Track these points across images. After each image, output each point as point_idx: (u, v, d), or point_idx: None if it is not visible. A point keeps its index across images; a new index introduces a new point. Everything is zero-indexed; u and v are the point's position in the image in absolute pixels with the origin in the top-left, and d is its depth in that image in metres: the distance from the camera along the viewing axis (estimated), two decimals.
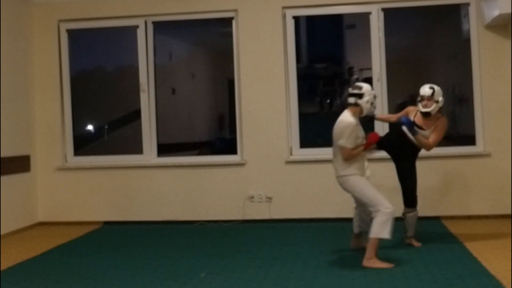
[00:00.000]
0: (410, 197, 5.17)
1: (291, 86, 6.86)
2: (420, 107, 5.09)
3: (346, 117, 4.67)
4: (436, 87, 5.08)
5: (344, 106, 4.91)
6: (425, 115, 5.07)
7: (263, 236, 6.06)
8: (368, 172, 4.90)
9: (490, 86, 6.53)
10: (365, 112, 4.70)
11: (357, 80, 7.10)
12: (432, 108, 5.03)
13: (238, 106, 6.96)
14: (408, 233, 5.22)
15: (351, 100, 4.68)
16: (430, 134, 5.09)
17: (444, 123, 5.14)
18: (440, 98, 5.06)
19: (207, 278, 4.41)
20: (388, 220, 4.51)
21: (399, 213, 5.10)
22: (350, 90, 4.73)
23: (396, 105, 6.75)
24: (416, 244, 5.19)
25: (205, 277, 4.43)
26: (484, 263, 4.52)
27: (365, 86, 4.72)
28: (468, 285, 3.98)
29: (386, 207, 4.51)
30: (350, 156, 4.61)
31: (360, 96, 4.66)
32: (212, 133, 7.96)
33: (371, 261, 4.50)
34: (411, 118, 5.13)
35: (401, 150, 5.14)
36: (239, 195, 6.82)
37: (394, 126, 5.38)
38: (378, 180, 5.93)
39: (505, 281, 3.99)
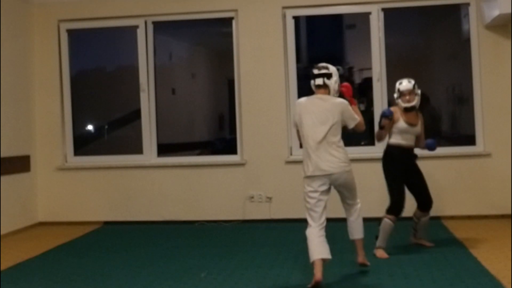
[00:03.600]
0: (427, 201, 5.03)
1: (291, 86, 6.87)
2: (403, 103, 4.92)
3: (331, 97, 4.21)
4: (413, 80, 4.96)
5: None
6: (410, 109, 4.92)
7: (263, 236, 6.06)
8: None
9: (490, 86, 6.53)
10: (332, 94, 4.24)
11: (338, 70, 7.04)
12: (415, 101, 4.92)
13: (238, 106, 6.96)
14: (419, 234, 5.17)
15: (319, 81, 4.21)
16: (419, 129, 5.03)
17: (422, 117, 5.12)
18: (419, 91, 4.97)
19: (207, 278, 4.41)
20: None
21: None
22: (316, 71, 4.26)
23: None
24: (429, 244, 5.14)
25: (205, 277, 4.43)
26: (484, 263, 4.52)
27: (331, 66, 4.29)
28: (468, 285, 3.98)
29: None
30: (364, 125, 4.32)
31: (328, 76, 4.23)
32: (212, 133, 7.96)
33: (365, 257, 4.46)
34: (401, 120, 4.91)
35: (403, 166, 4.99)
36: (239, 195, 6.82)
37: (388, 148, 5.13)
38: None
39: (505, 281, 4.00)
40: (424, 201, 5.06)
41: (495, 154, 6.50)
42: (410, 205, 5.12)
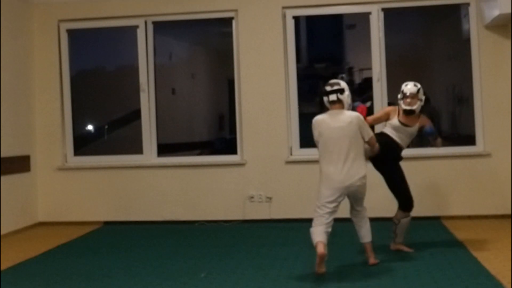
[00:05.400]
0: (405, 201, 4.94)
1: (291, 86, 6.86)
2: (403, 105, 4.91)
3: (348, 112, 4.47)
4: (419, 85, 4.96)
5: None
6: (410, 113, 4.90)
7: (263, 236, 6.06)
8: None
9: (490, 86, 6.53)
10: (346, 107, 4.48)
11: (342, 78, 7.09)
12: (416, 106, 4.88)
13: (238, 106, 6.96)
14: (398, 238, 5.03)
15: (333, 97, 4.45)
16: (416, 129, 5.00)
17: (426, 118, 5.07)
18: (423, 97, 4.94)
19: (207, 278, 4.41)
20: None
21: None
22: (329, 88, 4.49)
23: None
24: (408, 249, 5.01)
25: (205, 277, 4.43)
26: (484, 263, 4.52)
27: (342, 81, 4.56)
28: (468, 285, 3.98)
29: None
30: (375, 141, 4.61)
31: (341, 91, 4.46)
32: (212, 133, 7.96)
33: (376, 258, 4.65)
34: (395, 118, 4.95)
35: (385, 156, 4.89)
36: (239, 195, 6.82)
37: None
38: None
39: (505, 281, 4.00)
40: (405, 201, 4.94)
41: (495, 154, 6.49)
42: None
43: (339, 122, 4.41)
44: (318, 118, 4.53)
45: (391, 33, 6.78)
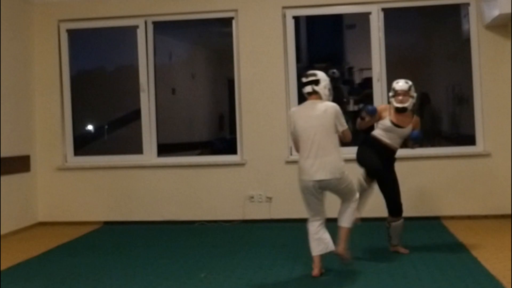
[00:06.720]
0: (395, 206, 4.91)
1: (291, 86, 6.86)
2: (395, 103, 4.84)
3: (324, 102, 4.35)
4: (410, 82, 4.90)
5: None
6: (402, 110, 4.83)
7: (263, 236, 6.06)
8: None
9: (490, 86, 6.53)
10: (324, 99, 4.36)
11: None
12: (408, 103, 4.82)
13: (238, 106, 6.96)
14: (393, 241, 5.00)
15: (308, 88, 4.37)
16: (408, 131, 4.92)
17: (418, 120, 5.01)
18: (415, 94, 4.89)
19: (207, 278, 4.41)
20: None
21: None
22: (304, 79, 4.40)
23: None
24: (404, 251, 4.97)
25: (205, 277, 4.43)
26: (484, 263, 4.52)
27: (319, 72, 4.41)
28: (468, 285, 3.98)
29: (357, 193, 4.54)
30: (350, 135, 4.44)
31: (316, 82, 4.35)
32: (212, 133, 7.96)
33: (347, 251, 4.46)
34: (387, 118, 4.86)
35: (380, 160, 4.85)
36: (239, 195, 6.82)
37: (367, 137, 5.05)
38: None
39: (505, 281, 4.00)
40: (393, 206, 4.91)
41: (495, 154, 6.49)
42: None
43: (312, 111, 4.31)
44: (293, 109, 4.55)
45: (391, 33, 6.78)
